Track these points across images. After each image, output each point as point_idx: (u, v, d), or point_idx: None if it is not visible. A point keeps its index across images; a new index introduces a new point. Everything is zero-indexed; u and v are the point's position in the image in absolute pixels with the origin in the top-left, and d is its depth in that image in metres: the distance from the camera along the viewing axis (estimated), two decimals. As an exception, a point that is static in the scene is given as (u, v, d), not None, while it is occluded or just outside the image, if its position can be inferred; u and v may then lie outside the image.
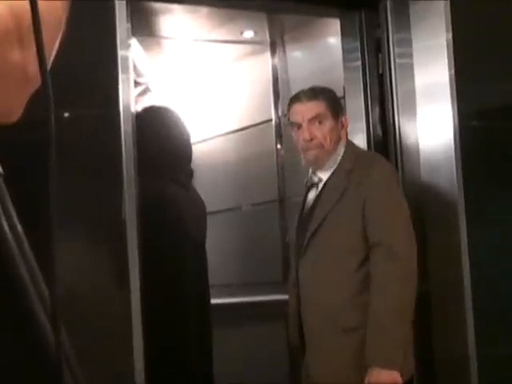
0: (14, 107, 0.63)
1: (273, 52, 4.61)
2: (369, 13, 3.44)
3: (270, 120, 4.61)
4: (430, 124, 3.22)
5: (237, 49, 4.66)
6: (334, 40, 3.96)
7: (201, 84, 4.83)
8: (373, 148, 3.38)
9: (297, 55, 4.53)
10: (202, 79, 4.82)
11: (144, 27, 4.09)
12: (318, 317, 2.66)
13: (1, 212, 0.66)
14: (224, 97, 4.77)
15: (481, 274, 3.08)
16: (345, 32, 3.55)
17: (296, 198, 2.98)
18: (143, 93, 4.60)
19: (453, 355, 3.11)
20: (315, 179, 2.78)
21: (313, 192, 2.79)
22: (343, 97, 3.51)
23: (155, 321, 2.64)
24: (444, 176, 3.15)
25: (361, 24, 3.46)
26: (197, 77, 4.81)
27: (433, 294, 3.15)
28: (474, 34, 3.24)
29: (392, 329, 2.53)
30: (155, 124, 3.06)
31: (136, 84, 3.90)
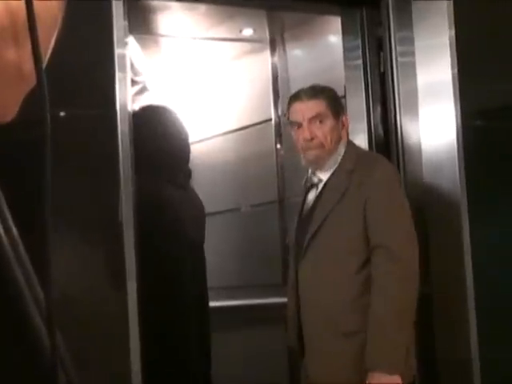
0: (9, 106, 0.63)
1: (272, 50, 4.61)
2: (370, 10, 3.44)
3: (270, 119, 4.60)
4: (433, 124, 3.22)
5: (236, 47, 4.66)
6: (335, 38, 3.96)
7: (199, 83, 4.83)
8: (374, 148, 3.38)
9: (297, 53, 4.53)
10: (201, 78, 4.82)
11: (141, 25, 4.09)
12: (318, 320, 2.66)
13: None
14: (223, 96, 4.76)
15: (483, 275, 3.08)
16: (346, 30, 3.55)
17: (296, 199, 2.98)
18: (140, 92, 4.60)
19: (455, 356, 3.12)
20: (315, 180, 2.78)
21: (312, 193, 2.79)
22: (344, 96, 3.51)
23: (153, 323, 2.64)
24: (446, 176, 3.15)
25: (362, 22, 3.46)
26: (195, 75, 4.81)
27: (435, 295, 3.15)
28: (478, 32, 3.24)
29: (393, 331, 2.53)
30: (153, 123, 3.06)
31: (133, 83, 3.90)
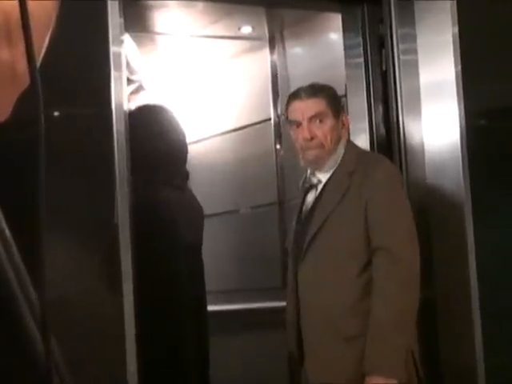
0: (2, 106, 0.64)
1: (272, 48, 4.61)
2: (372, 7, 3.44)
3: (269, 119, 4.61)
4: (436, 123, 3.22)
5: (234, 45, 4.67)
6: (336, 36, 3.97)
7: (197, 82, 4.83)
8: (376, 148, 3.38)
9: (297, 52, 4.54)
10: (198, 77, 4.82)
11: (137, 23, 4.09)
12: (318, 324, 2.66)
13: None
14: (221, 95, 4.77)
15: (488, 278, 3.08)
16: (347, 27, 3.55)
17: (296, 201, 2.98)
18: (136, 91, 4.60)
19: (459, 361, 3.11)
20: (314, 180, 2.78)
21: (311, 194, 2.79)
22: (345, 95, 3.52)
23: (150, 326, 2.65)
24: (450, 177, 3.15)
25: (363, 19, 3.46)
26: (192, 74, 4.82)
27: (438, 299, 3.15)
28: (482, 30, 3.25)
29: (392, 334, 2.53)
30: (149, 123, 3.06)
31: (129, 82, 3.90)
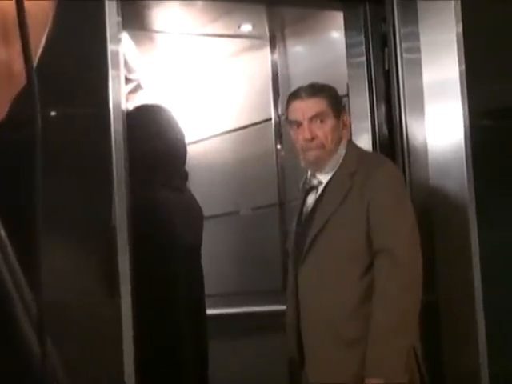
0: (-1, 106, 0.64)
1: (272, 47, 4.62)
2: (374, 5, 3.45)
3: (270, 119, 4.61)
4: (439, 123, 3.23)
5: (234, 43, 4.67)
6: (338, 34, 3.97)
7: (196, 81, 4.84)
8: (378, 149, 3.39)
9: (298, 50, 4.54)
10: (197, 76, 4.83)
11: (136, 21, 4.10)
12: (319, 327, 2.67)
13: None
14: (220, 94, 4.77)
15: (493, 281, 3.08)
16: (349, 26, 3.56)
17: (297, 202, 2.99)
18: (135, 90, 4.62)
19: (463, 368, 3.11)
20: (314, 182, 2.78)
21: (312, 195, 2.79)
22: (347, 94, 3.52)
23: (148, 329, 2.65)
24: (453, 178, 3.16)
25: (365, 17, 3.47)
26: (191, 73, 4.82)
27: (441, 302, 3.16)
28: (486, 28, 3.25)
29: (392, 338, 2.53)
30: (147, 123, 3.07)
31: (127, 81, 3.91)
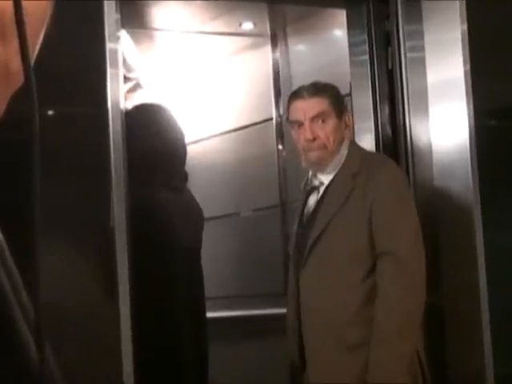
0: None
1: (274, 45, 4.62)
2: (377, 3, 3.45)
3: (271, 119, 4.62)
4: (444, 123, 3.23)
5: (235, 42, 4.67)
6: (340, 32, 3.98)
7: (196, 80, 4.84)
8: (381, 149, 3.38)
9: (300, 49, 4.55)
10: (197, 75, 4.83)
11: (135, 18, 4.10)
12: (320, 331, 2.67)
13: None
14: (221, 94, 4.78)
15: (498, 283, 3.08)
16: (351, 24, 3.56)
17: (298, 203, 2.99)
18: (133, 89, 4.61)
19: (467, 371, 3.12)
20: (316, 183, 2.78)
21: (313, 196, 2.79)
22: (349, 94, 3.52)
23: (147, 331, 2.66)
24: (458, 179, 3.16)
25: (369, 15, 3.47)
26: (191, 72, 4.83)
27: (446, 305, 3.16)
28: (491, 26, 3.25)
29: (395, 342, 2.53)
30: (146, 122, 3.07)
31: (126, 80, 3.91)
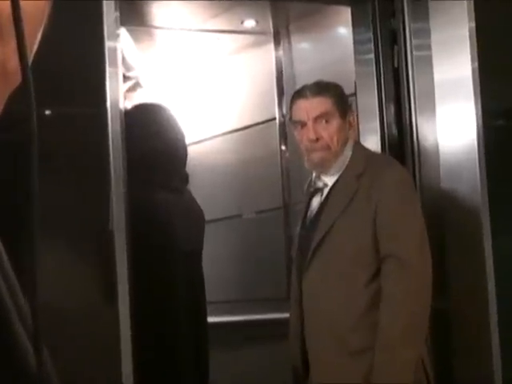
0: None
1: (276, 43, 4.63)
2: (383, 0, 3.45)
3: (274, 119, 4.63)
4: (451, 123, 3.23)
5: (236, 40, 4.68)
6: (345, 30, 3.99)
7: (197, 79, 4.85)
8: (387, 150, 3.39)
9: (303, 47, 4.55)
10: (198, 73, 4.84)
11: (134, 16, 4.11)
12: (323, 336, 2.67)
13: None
14: (223, 93, 4.78)
15: (507, 287, 3.08)
16: (356, 21, 3.57)
17: (302, 205, 2.99)
18: (133, 88, 4.63)
19: (475, 379, 3.12)
20: (319, 184, 2.78)
21: (317, 198, 2.79)
22: (354, 93, 3.53)
23: (146, 335, 2.67)
24: (466, 180, 3.16)
25: (374, 12, 3.47)
26: (192, 71, 4.84)
27: (452, 311, 3.16)
28: (499, 24, 3.25)
29: (400, 347, 2.53)
30: (146, 122, 3.07)
31: (125, 79, 3.93)
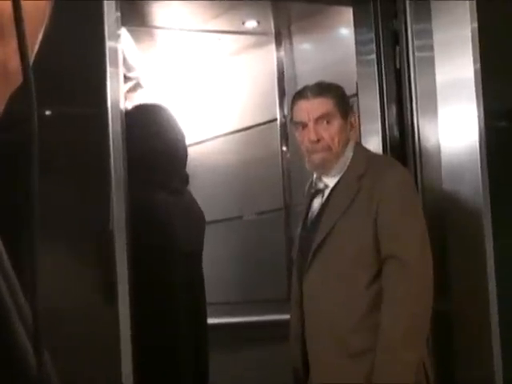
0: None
1: (278, 44, 4.63)
2: (385, 1, 3.45)
3: (275, 120, 4.63)
4: (453, 124, 3.23)
5: (238, 40, 4.69)
6: (347, 31, 3.99)
7: (198, 79, 4.85)
8: (389, 151, 3.39)
9: (305, 48, 4.56)
10: (199, 74, 4.84)
11: (135, 16, 4.12)
12: (324, 337, 2.67)
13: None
14: (224, 94, 4.79)
15: (509, 289, 3.08)
16: (358, 22, 3.57)
17: (303, 206, 3.00)
18: (134, 89, 4.63)
19: (476, 379, 3.12)
20: (320, 185, 2.79)
21: (318, 199, 2.79)
22: (356, 94, 3.53)
23: (146, 337, 2.67)
24: (468, 182, 3.16)
25: (376, 13, 3.47)
26: (193, 71, 4.84)
27: (454, 312, 3.16)
28: (502, 25, 3.26)
29: (401, 349, 2.53)
30: (146, 123, 3.08)
31: (126, 79, 3.93)
